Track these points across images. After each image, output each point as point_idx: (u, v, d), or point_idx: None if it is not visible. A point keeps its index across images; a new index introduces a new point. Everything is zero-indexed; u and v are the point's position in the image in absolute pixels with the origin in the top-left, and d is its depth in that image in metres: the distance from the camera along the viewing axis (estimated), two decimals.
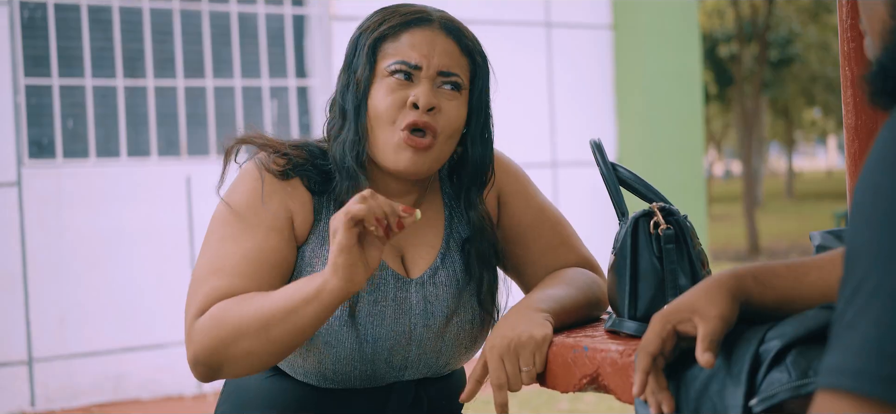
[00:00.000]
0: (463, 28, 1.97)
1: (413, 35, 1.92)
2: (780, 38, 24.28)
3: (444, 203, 2.06)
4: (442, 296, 1.98)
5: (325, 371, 1.93)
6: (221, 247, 1.87)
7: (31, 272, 6.21)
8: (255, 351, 1.75)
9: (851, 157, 2.02)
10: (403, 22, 1.93)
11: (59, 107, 6.45)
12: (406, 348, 1.96)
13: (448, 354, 2.01)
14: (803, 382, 1.32)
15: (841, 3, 2.00)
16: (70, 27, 6.50)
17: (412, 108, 1.88)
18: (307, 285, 1.71)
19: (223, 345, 1.75)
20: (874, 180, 0.97)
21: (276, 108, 7.16)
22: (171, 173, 6.70)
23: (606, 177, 1.87)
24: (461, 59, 1.95)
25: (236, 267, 1.84)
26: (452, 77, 1.92)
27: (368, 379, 1.96)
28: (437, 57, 1.91)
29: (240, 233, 1.87)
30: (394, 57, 1.91)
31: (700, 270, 1.77)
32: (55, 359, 6.27)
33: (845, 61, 2.02)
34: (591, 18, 8.28)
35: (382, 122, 1.89)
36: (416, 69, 1.90)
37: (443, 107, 1.91)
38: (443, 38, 1.93)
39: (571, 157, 8.01)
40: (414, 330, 1.95)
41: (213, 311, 1.78)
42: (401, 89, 1.89)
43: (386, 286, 1.94)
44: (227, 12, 6.97)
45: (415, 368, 1.99)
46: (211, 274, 1.84)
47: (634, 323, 1.75)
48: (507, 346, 1.75)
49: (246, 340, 1.74)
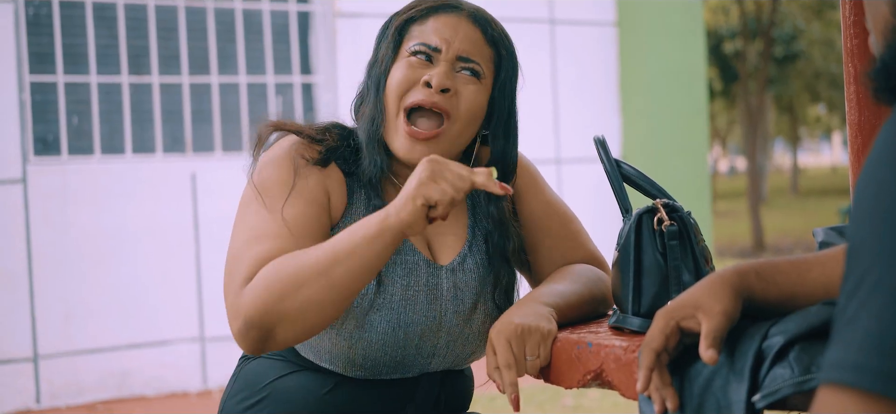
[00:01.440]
0: (491, 19, 1.99)
1: (438, 19, 1.94)
2: (784, 35, 24.24)
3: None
4: (470, 283, 1.99)
5: (355, 357, 1.92)
6: (258, 217, 1.83)
7: (36, 269, 6.22)
8: (315, 299, 1.69)
9: (855, 153, 2.03)
10: (433, 7, 1.96)
11: (64, 103, 6.46)
12: (436, 335, 1.96)
13: (474, 343, 2.01)
14: (806, 377, 1.33)
15: (844, 1, 2.01)
16: (75, 24, 6.51)
17: (424, 87, 1.89)
18: (368, 224, 1.71)
19: (279, 299, 1.70)
20: (876, 176, 0.97)
21: (281, 105, 7.17)
22: (176, 170, 6.71)
23: (610, 173, 1.88)
24: (484, 48, 1.95)
25: (280, 230, 1.80)
26: (472, 63, 1.93)
27: (396, 367, 1.95)
28: (459, 42, 1.92)
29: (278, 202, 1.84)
30: (417, 39, 1.93)
31: (703, 267, 1.78)
32: (60, 356, 6.28)
33: (849, 58, 2.02)
34: (595, 15, 8.28)
35: (392, 97, 1.91)
36: (435, 51, 1.91)
37: (460, 90, 1.91)
38: (468, 24, 1.95)
39: (575, 154, 8.01)
40: (444, 316, 1.96)
41: (263, 271, 1.73)
42: (418, 68, 1.91)
43: (418, 271, 1.94)
44: (231, 9, 6.98)
45: (442, 357, 1.99)
46: (252, 242, 1.79)
47: (638, 319, 1.76)
48: (514, 330, 1.76)
49: (305, 289, 1.69)
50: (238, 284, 1.75)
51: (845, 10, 2.01)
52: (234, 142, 7.00)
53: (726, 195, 34.78)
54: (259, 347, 1.74)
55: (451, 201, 1.66)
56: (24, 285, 6.18)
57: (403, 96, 1.90)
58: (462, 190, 1.66)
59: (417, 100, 1.89)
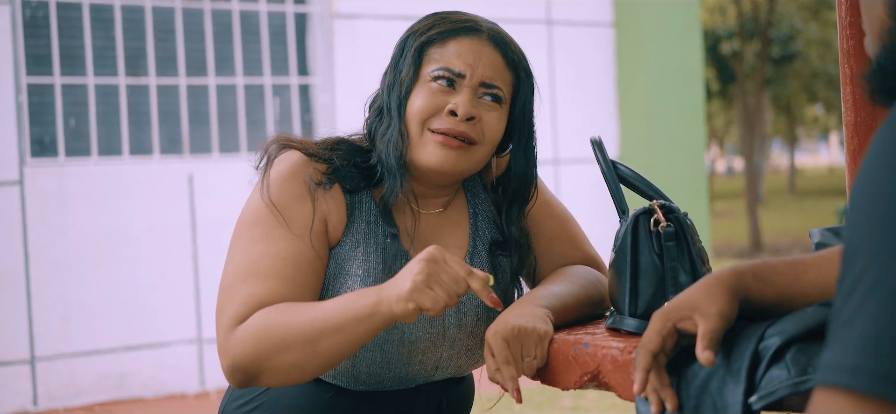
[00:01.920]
0: (510, 41, 1.98)
1: (460, 43, 1.92)
2: (781, 35, 24.25)
3: (468, 202, 2.07)
4: (472, 296, 1.99)
5: (359, 374, 1.93)
6: (253, 248, 1.83)
7: (33, 271, 6.22)
8: (300, 363, 1.73)
9: (851, 154, 2.03)
10: (452, 29, 1.93)
11: (61, 105, 6.46)
12: (440, 348, 1.96)
13: (477, 353, 2.02)
14: (803, 378, 1.33)
15: (840, 2, 2.01)
16: (72, 26, 6.51)
17: (449, 115, 1.88)
18: (360, 302, 1.70)
19: (266, 355, 1.73)
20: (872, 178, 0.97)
21: (279, 106, 7.17)
22: (173, 171, 6.70)
23: (607, 174, 1.88)
24: (505, 72, 1.95)
25: (271, 268, 1.81)
26: (494, 89, 1.92)
27: (400, 381, 1.96)
28: (482, 68, 1.91)
29: (272, 233, 1.84)
30: (438, 63, 1.91)
31: (700, 268, 1.78)
32: (57, 358, 6.28)
33: (845, 59, 2.02)
34: (592, 16, 8.28)
35: (414, 121, 1.89)
36: (459, 77, 1.90)
37: (483, 116, 1.91)
38: (489, 49, 1.93)
39: (573, 155, 8.01)
40: (447, 330, 1.96)
41: (254, 320, 1.75)
42: (441, 95, 1.90)
43: None
44: (229, 10, 6.98)
45: (445, 369, 2.00)
46: (245, 277, 1.81)
47: (635, 320, 1.76)
48: (510, 331, 1.76)
49: (292, 352, 1.72)
50: (228, 321, 1.78)
51: (841, 11, 2.01)
52: (231, 143, 7.00)
53: (724, 195, 34.79)
54: (243, 386, 1.80)
55: (444, 306, 1.65)
56: (21, 287, 6.18)
57: (426, 122, 1.90)
58: (456, 295, 1.65)
59: (442, 127, 1.88)
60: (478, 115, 1.90)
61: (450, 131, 1.87)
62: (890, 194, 0.95)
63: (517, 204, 2.04)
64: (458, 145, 1.88)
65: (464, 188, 2.08)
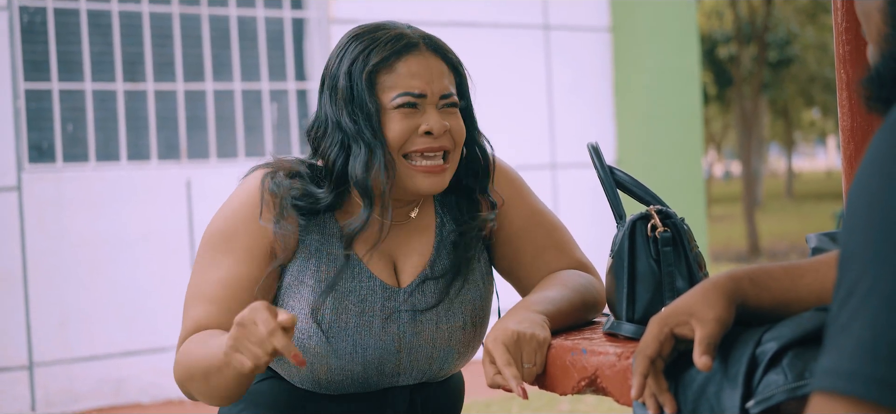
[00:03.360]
0: (444, 45, 2.03)
1: (408, 63, 1.95)
2: (778, 39, 24.26)
3: (436, 209, 2.09)
4: (430, 303, 2.00)
5: (320, 380, 1.98)
6: (203, 272, 1.96)
7: (31, 276, 6.22)
8: (206, 393, 1.85)
9: (847, 159, 2.03)
10: (393, 51, 1.95)
11: (58, 111, 6.46)
12: (397, 356, 1.99)
13: (441, 360, 2.03)
14: (800, 383, 1.33)
15: (836, 7, 2.02)
16: (69, 31, 6.51)
17: (425, 136, 1.94)
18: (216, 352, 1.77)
19: (185, 381, 1.89)
20: (868, 185, 0.98)
21: (276, 112, 7.17)
22: (171, 177, 6.71)
23: (603, 180, 1.88)
24: (450, 75, 2.01)
25: (212, 293, 1.93)
26: (450, 97, 1.98)
27: (363, 386, 2.00)
28: (436, 82, 1.96)
29: (219, 258, 1.96)
30: (396, 90, 1.94)
31: (697, 273, 1.78)
32: (56, 363, 6.27)
33: (841, 64, 2.03)
34: (589, 21, 8.29)
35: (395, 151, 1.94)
36: (421, 98, 1.94)
37: (451, 124, 1.97)
38: (435, 61, 1.98)
39: (571, 159, 8.01)
40: (403, 338, 1.99)
41: (185, 345, 1.90)
42: (410, 118, 1.94)
43: (373, 298, 1.98)
44: (226, 16, 6.98)
45: (408, 374, 2.02)
46: (193, 299, 1.95)
47: (632, 325, 1.76)
48: (510, 336, 1.77)
49: (196, 382, 1.86)
50: (179, 340, 1.93)
51: (837, 17, 2.01)
52: (229, 149, 7.00)
53: (721, 199, 34.80)
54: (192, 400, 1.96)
55: (265, 361, 1.66)
56: (19, 293, 6.18)
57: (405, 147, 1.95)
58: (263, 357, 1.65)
59: (422, 148, 1.94)
60: (447, 126, 1.96)
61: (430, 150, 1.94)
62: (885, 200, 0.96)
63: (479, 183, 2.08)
64: (440, 168, 1.96)
65: (433, 196, 2.10)
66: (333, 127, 1.97)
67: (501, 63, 7.66)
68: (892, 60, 1.11)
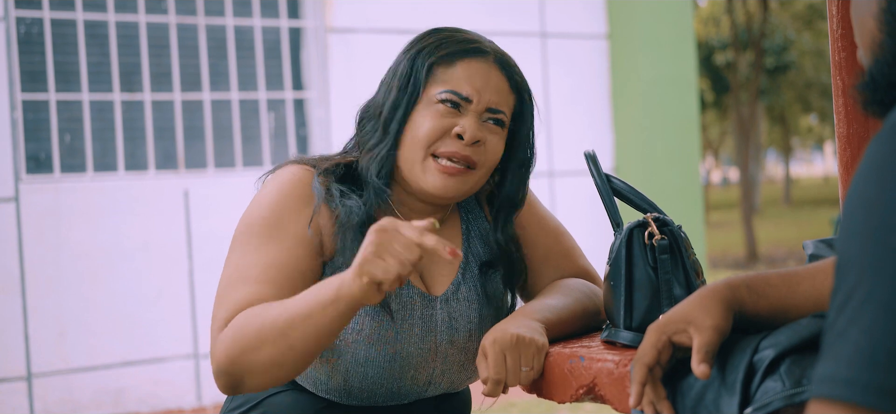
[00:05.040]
0: (514, 64, 1.99)
1: (468, 66, 1.92)
2: (775, 46, 24.29)
3: (462, 218, 2.08)
4: (465, 311, 1.99)
5: (351, 389, 1.93)
6: (245, 257, 1.85)
7: (29, 287, 6.21)
8: (276, 359, 1.71)
9: (844, 165, 2.03)
10: (461, 50, 1.93)
11: (56, 122, 6.46)
12: (432, 365, 1.97)
13: (470, 368, 2.03)
14: (797, 390, 1.34)
15: (831, 14, 2.02)
16: (67, 42, 6.51)
17: (456, 139, 1.89)
18: (325, 288, 1.68)
19: (244, 354, 1.72)
20: (864, 192, 0.98)
21: (274, 121, 7.17)
22: (168, 187, 6.70)
23: (600, 188, 1.89)
24: (509, 95, 1.96)
25: (262, 274, 1.82)
26: (499, 114, 1.93)
27: (392, 396, 1.97)
28: (489, 93, 1.92)
29: (266, 242, 1.85)
30: (446, 85, 1.91)
31: (694, 280, 1.78)
32: (54, 374, 6.27)
33: (837, 71, 2.03)
34: (586, 28, 8.30)
35: (419, 144, 1.90)
36: (466, 101, 1.91)
37: (486, 140, 1.92)
38: (496, 73, 1.94)
39: (569, 167, 8.02)
40: (439, 346, 1.97)
41: (235, 321, 1.75)
42: (447, 117, 1.90)
43: (412, 305, 1.95)
44: (223, 26, 6.98)
45: (438, 385, 2.01)
46: (235, 284, 1.82)
47: (630, 333, 1.76)
48: (509, 340, 1.77)
49: (267, 347, 1.71)
50: (218, 326, 1.78)
51: (833, 24, 2.02)
52: (226, 158, 7.00)
53: (719, 206, 34.81)
54: (230, 391, 1.78)
55: (398, 277, 1.60)
56: (17, 303, 6.17)
57: (432, 145, 1.90)
58: (409, 262, 1.60)
59: (448, 151, 1.89)
60: (482, 138, 1.91)
61: (455, 155, 1.88)
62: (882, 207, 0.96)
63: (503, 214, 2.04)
64: (459, 171, 1.90)
65: (458, 205, 2.09)
66: (378, 108, 1.96)
67: None
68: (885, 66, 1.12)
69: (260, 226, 1.87)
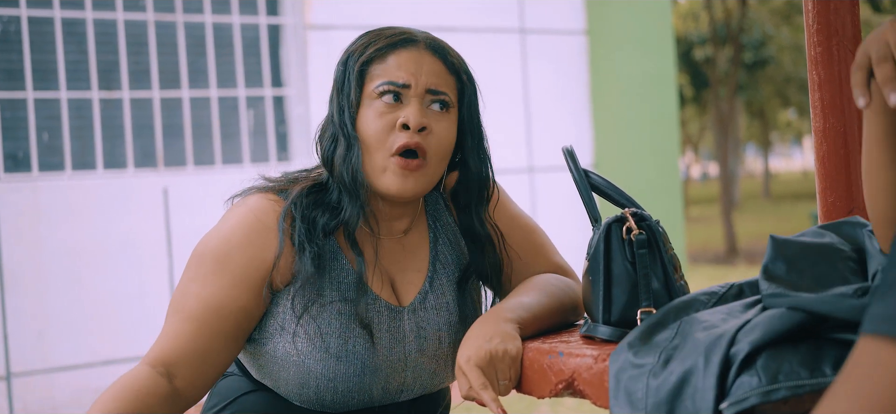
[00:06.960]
0: (448, 47, 1.98)
1: (399, 55, 1.92)
2: (753, 41, 24.36)
3: (429, 226, 2.08)
4: (433, 319, 1.99)
5: (324, 400, 1.94)
6: (191, 285, 1.88)
7: (7, 286, 6.18)
8: None
9: (820, 159, 2.04)
10: (390, 43, 1.93)
11: (34, 120, 6.43)
12: (402, 374, 1.97)
13: (442, 374, 2.03)
14: (773, 386, 1.34)
15: (807, 9, 2.03)
16: (44, 40, 6.48)
17: (402, 130, 1.88)
18: None
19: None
20: None
21: (253, 118, 7.15)
22: (147, 185, 6.68)
23: (579, 183, 1.89)
24: (448, 77, 1.95)
25: (196, 311, 1.85)
26: (441, 95, 1.92)
27: (365, 404, 1.97)
28: (425, 76, 1.91)
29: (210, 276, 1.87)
30: (381, 78, 1.90)
31: (672, 274, 1.79)
32: (34, 373, 6.24)
33: (812, 65, 2.04)
34: (565, 24, 8.31)
35: (372, 145, 1.89)
36: (404, 88, 1.90)
37: (433, 127, 1.91)
38: (429, 57, 1.94)
39: (548, 163, 8.03)
40: (408, 356, 1.97)
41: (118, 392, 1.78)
42: (390, 111, 1.89)
43: (380, 318, 1.95)
44: (202, 23, 6.96)
45: (410, 391, 2.01)
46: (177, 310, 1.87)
47: (608, 328, 1.77)
48: (483, 358, 1.76)
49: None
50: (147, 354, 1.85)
51: (809, 19, 2.03)
52: (205, 156, 6.98)
53: (699, 201, 34.92)
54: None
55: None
56: None
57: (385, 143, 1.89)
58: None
59: (402, 144, 1.87)
60: (429, 125, 1.90)
61: (405, 146, 1.87)
62: None
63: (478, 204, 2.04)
64: (416, 166, 1.89)
65: (426, 211, 2.09)
66: (329, 121, 1.96)
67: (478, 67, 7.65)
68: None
69: (209, 258, 1.88)
